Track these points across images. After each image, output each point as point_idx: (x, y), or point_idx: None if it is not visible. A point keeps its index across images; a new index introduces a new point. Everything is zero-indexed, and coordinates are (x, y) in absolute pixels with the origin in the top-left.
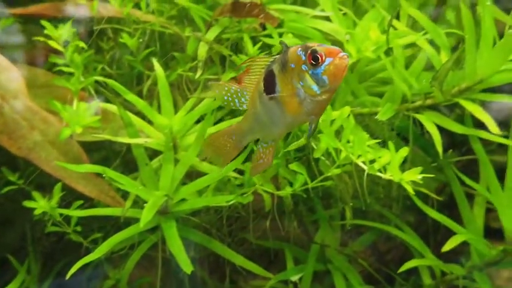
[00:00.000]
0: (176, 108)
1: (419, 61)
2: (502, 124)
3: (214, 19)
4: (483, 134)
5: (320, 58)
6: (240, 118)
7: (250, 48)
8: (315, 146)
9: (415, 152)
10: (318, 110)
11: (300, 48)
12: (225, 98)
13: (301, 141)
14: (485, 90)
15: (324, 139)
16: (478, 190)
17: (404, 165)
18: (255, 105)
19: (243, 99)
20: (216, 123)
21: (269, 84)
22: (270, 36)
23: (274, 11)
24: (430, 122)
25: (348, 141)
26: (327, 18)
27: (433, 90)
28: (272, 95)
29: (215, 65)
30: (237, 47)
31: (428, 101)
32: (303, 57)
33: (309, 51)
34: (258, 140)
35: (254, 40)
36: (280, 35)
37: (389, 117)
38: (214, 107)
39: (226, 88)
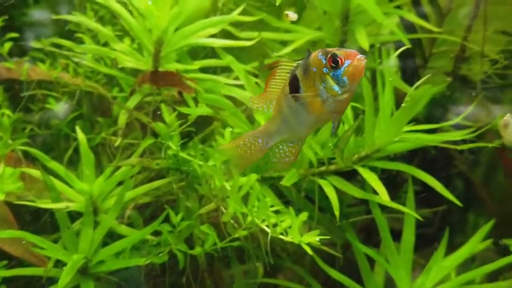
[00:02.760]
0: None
1: (326, 129)
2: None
3: (137, 86)
4: (379, 199)
5: (340, 61)
6: None
7: (167, 116)
8: (223, 210)
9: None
10: (339, 108)
11: (320, 53)
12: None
13: (212, 205)
14: (382, 158)
15: (232, 204)
16: (372, 255)
17: (311, 224)
18: (281, 108)
19: (270, 106)
20: (135, 186)
21: (294, 87)
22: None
23: (191, 80)
24: (329, 187)
25: (254, 206)
26: (241, 86)
27: (336, 157)
28: (297, 98)
29: (136, 130)
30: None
31: (332, 167)
32: (324, 61)
33: (329, 55)
34: None
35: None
36: (197, 103)
37: (295, 181)
38: (133, 172)
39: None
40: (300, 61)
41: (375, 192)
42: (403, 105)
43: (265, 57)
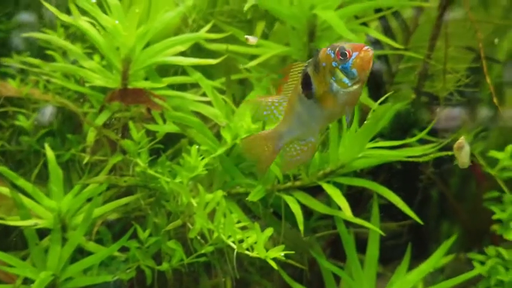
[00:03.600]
0: None
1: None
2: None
3: (106, 103)
4: (342, 215)
5: (348, 54)
6: None
7: (135, 134)
8: (190, 226)
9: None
10: (351, 100)
11: (329, 48)
12: (265, 113)
13: (179, 221)
14: (347, 174)
15: (198, 220)
16: (335, 271)
17: (279, 239)
18: (294, 108)
19: (280, 108)
20: (104, 202)
21: (307, 85)
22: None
23: (159, 98)
24: (294, 203)
25: (220, 222)
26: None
27: (301, 173)
28: (310, 94)
29: (105, 147)
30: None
31: (297, 183)
32: (332, 55)
33: (337, 49)
34: None
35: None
36: (164, 120)
37: (262, 197)
38: (102, 189)
39: (263, 103)
40: (310, 60)
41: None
42: (366, 122)
43: (233, 71)
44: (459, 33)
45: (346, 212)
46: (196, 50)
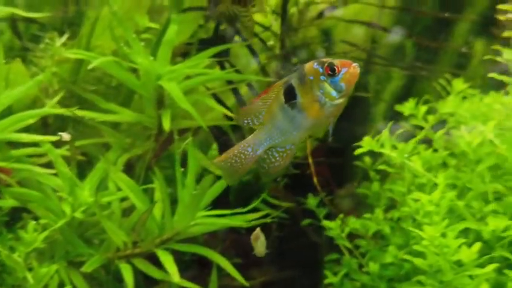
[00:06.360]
0: None
1: (137, 212)
2: None
3: None
4: (173, 279)
5: (337, 69)
6: None
7: None
8: None
9: None
10: (336, 111)
11: (315, 63)
12: (245, 122)
13: None
14: (183, 241)
15: None
16: None
17: None
18: (275, 116)
19: (260, 117)
20: None
21: (290, 95)
22: None
23: (5, 171)
24: (127, 271)
25: None
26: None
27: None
28: (294, 104)
29: None
30: None
31: (136, 250)
32: (321, 70)
33: (326, 65)
34: None
35: None
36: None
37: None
38: None
39: (243, 112)
40: (293, 74)
41: None
42: (194, 192)
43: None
44: None
45: (175, 277)
46: None
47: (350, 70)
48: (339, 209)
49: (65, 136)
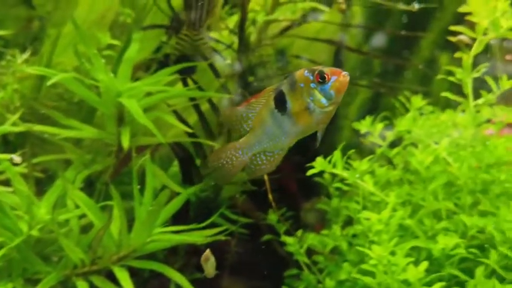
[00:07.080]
0: None
1: (95, 229)
2: None
3: None
4: None
5: (327, 77)
6: None
7: None
8: None
9: None
10: (325, 119)
11: (306, 71)
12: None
13: None
14: (141, 257)
15: None
16: None
17: None
18: (264, 121)
19: (249, 122)
20: None
21: (280, 101)
22: None
23: None
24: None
25: None
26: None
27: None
28: (284, 110)
29: None
30: None
31: (94, 267)
32: (311, 78)
33: (316, 72)
34: None
35: None
36: None
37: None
38: None
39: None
40: (284, 80)
41: None
42: (150, 208)
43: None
44: None
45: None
46: None
47: (340, 78)
48: (305, 223)
49: (16, 159)
